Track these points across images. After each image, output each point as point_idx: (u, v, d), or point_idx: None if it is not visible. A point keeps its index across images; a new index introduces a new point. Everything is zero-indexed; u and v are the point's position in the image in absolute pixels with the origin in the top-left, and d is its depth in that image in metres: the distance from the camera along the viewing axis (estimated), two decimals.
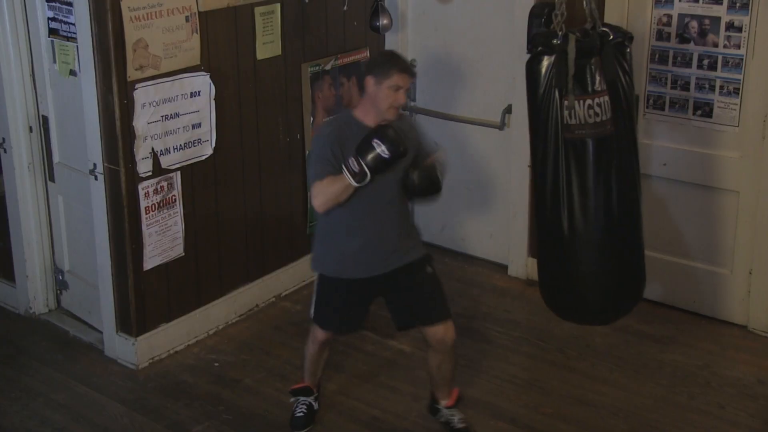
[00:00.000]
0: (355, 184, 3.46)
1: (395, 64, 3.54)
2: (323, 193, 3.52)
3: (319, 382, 4.09)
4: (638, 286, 3.99)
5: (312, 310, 3.88)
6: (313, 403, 4.05)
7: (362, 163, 3.44)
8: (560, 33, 3.67)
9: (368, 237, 3.66)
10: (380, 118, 3.56)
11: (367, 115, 3.59)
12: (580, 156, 3.71)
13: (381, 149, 3.43)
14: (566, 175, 3.72)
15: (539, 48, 3.69)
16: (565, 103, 3.65)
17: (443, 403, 3.99)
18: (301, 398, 4.04)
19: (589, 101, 3.67)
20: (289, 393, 4.07)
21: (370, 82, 3.55)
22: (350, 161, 3.46)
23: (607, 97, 3.69)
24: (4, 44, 4.60)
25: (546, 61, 3.67)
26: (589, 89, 3.67)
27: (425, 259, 3.80)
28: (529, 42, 3.80)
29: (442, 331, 3.77)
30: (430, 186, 3.69)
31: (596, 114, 3.66)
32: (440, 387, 3.97)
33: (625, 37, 3.74)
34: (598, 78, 3.66)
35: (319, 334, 3.89)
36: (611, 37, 3.70)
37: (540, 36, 3.74)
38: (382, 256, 3.69)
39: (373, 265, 3.69)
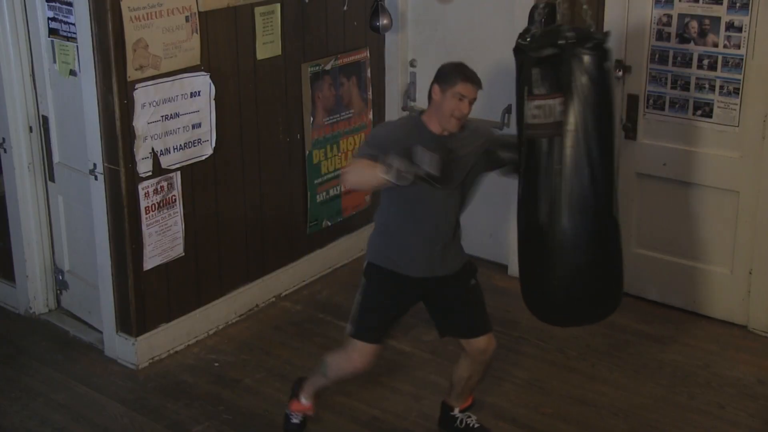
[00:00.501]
0: (383, 176, 3.36)
1: (461, 73, 3.54)
2: (354, 172, 3.50)
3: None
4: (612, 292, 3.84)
5: (353, 322, 3.72)
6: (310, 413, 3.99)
7: (400, 162, 3.35)
8: (529, 33, 3.67)
9: (426, 238, 3.62)
10: (442, 125, 3.54)
11: (431, 121, 3.58)
12: (534, 156, 3.67)
13: (422, 160, 3.35)
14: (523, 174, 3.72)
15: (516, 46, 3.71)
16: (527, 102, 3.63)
17: (458, 408, 3.95)
18: (295, 414, 3.97)
19: (538, 102, 3.61)
20: (287, 410, 3.99)
21: (436, 89, 3.55)
22: (392, 156, 3.38)
23: (558, 100, 3.60)
24: (4, 44, 4.60)
25: (518, 60, 3.68)
26: (539, 91, 3.61)
27: (471, 271, 3.79)
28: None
29: (485, 343, 3.75)
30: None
31: (545, 115, 3.61)
32: (461, 395, 3.93)
33: (590, 43, 3.64)
34: (549, 81, 3.61)
35: (357, 356, 3.70)
36: (577, 41, 3.61)
37: (520, 35, 3.74)
38: (437, 260, 3.65)
39: (428, 266, 3.65)
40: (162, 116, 4.34)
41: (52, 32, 4.45)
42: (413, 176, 3.35)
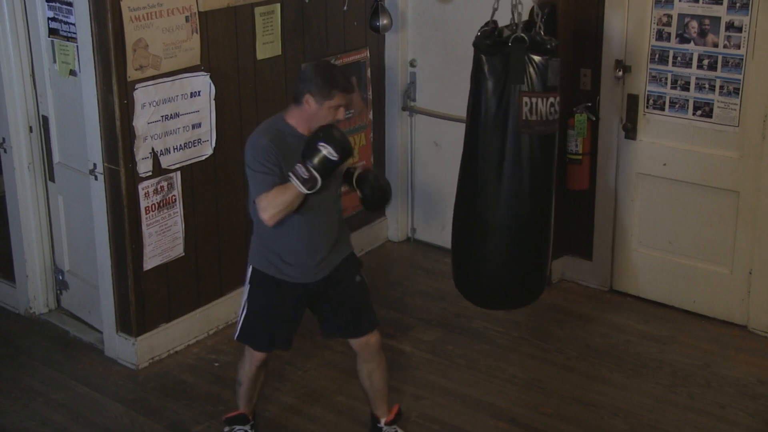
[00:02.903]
0: (305, 191, 3.33)
1: (336, 84, 3.41)
2: (273, 205, 3.36)
3: (255, 409, 3.92)
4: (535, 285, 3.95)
5: (238, 329, 3.71)
6: (249, 431, 3.89)
7: (311, 168, 3.32)
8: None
9: (304, 241, 3.52)
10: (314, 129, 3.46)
11: (302, 125, 3.47)
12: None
13: (328, 151, 3.33)
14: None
15: None
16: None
17: (383, 420, 3.86)
18: (237, 427, 3.87)
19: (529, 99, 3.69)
20: (223, 422, 3.92)
21: (309, 100, 3.41)
22: (298, 168, 3.33)
23: (555, 98, 3.67)
24: (4, 44, 4.60)
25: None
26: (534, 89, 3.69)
27: (356, 267, 3.71)
28: None
29: (365, 338, 3.69)
30: (384, 195, 3.72)
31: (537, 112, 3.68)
32: (377, 402, 3.83)
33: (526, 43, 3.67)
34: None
35: (255, 354, 3.72)
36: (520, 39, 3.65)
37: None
38: (316, 262, 3.57)
39: (307, 270, 3.57)
40: (162, 116, 4.34)
41: (52, 32, 4.45)
42: (331, 166, 3.36)
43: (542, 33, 3.66)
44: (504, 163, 3.67)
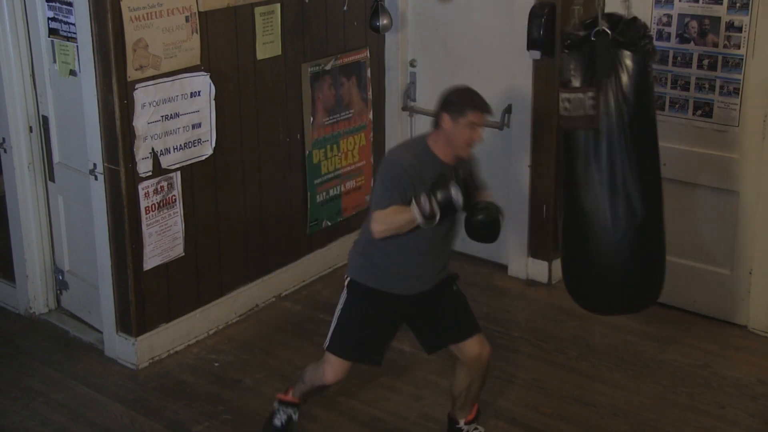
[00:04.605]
0: (422, 222, 3.38)
1: (471, 102, 3.48)
2: (386, 222, 3.42)
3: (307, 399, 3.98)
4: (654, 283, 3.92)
5: (329, 337, 3.69)
6: (294, 415, 3.93)
7: (434, 203, 3.37)
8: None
9: (413, 261, 3.56)
10: (455, 154, 3.49)
11: (440, 149, 3.50)
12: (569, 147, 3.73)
13: (456, 196, 3.38)
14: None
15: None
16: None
17: (462, 420, 3.87)
18: (284, 408, 3.94)
19: (567, 95, 3.65)
20: (277, 399, 3.95)
21: (446, 118, 3.46)
22: (423, 200, 3.37)
23: (590, 93, 3.63)
24: (4, 44, 4.60)
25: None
26: (572, 84, 3.66)
27: (452, 279, 3.75)
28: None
29: (477, 347, 3.67)
30: (492, 231, 3.60)
31: (574, 108, 3.64)
32: (464, 407, 3.85)
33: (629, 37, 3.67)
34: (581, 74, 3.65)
35: (330, 372, 3.68)
36: (610, 34, 3.65)
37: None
38: (421, 280, 3.61)
39: (411, 285, 3.60)
40: (162, 116, 4.34)
41: (52, 32, 4.45)
42: (453, 211, 3.41)
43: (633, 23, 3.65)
44: (601, 161, 3.64)
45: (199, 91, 4.48)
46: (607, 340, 4.69)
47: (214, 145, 4.61)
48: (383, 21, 5.14)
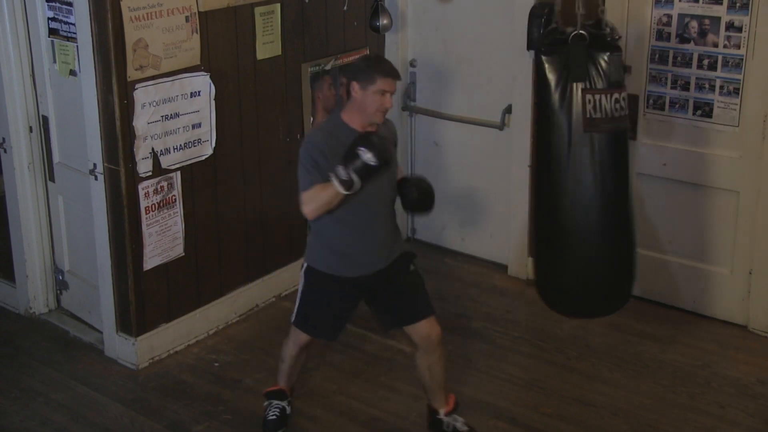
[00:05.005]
0: (343, 192, 3.47)
1: (379, 68, 3.55)
2: (313, 201, 3.52)
3: (293, 387, 4.08)
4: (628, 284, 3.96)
5: (294, 313, 3.85)
6: (287, 407, 4.02)
7: (349, 171, 3.44)
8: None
9: (359, 236, 3.66)
10: (367, 122, 3.58)
11: (354, 119, 3.59)
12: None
13: (367, 157, 3.43)
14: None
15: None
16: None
17: (442, 411, 3.95)
18: (275, 401, 4.02)
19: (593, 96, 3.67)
20: (263, 396, 4.05)
21: (355, 87, 3.55)
22: (338, 169, 3.46)
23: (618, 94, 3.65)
24: (4, 44, 4.60)
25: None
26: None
27: (409, 258, 3.82)
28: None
29: (427, 328, 3.75)
30: (426, 200, 3.76)
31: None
32: (435, 393, 3.92)
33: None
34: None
35: (301, 336, 3.87)
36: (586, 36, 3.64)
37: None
38: (372, 256, 3.70)
39: (363, 264, 3.70)
40: (162, 116, 4.34)
41: (52, 32, 4.45)
42: (370, 172, 3.44)
43: (608, 28, 3.64)
44: (570, 165, 3.64)
45: (199, 91, 4.48)
46: (607, 340, 4.69)
47: (214, 145, 4.61)
48: (383, 21, 5.14)
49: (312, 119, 5.14)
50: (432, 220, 5.66)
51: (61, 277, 4.95)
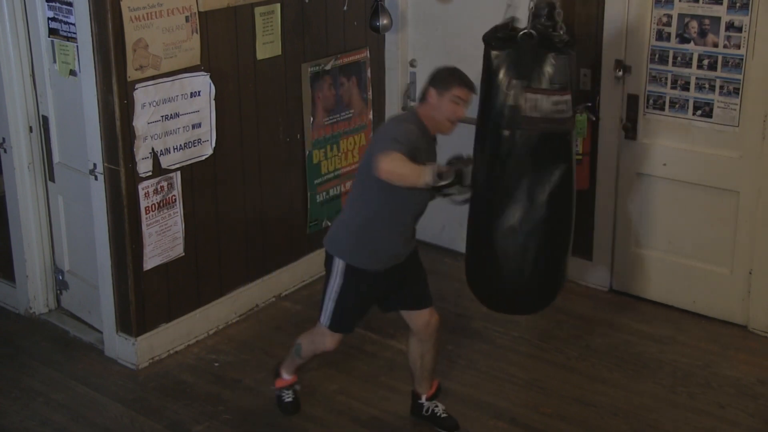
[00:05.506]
0: (428, 182, 3.40)
1: (458, 78, 3.64)
2: (395, 164, 3.39)
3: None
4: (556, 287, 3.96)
5: (328, 317, 3.81)
6: (296, 386, 4.14)
7: (444, 176, 3.45)
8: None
9: (400, 233, 3.74)
10: (438, 129, 3.66)
11: (428, 121, 3.66)
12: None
13: (460, 187, 3.50)
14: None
15: None
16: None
17: (424, 396, 4.02)
18: (285, 392, 4.12)
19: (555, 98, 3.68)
20: (274, 389, 4.14)
21: (432, 93, 3.63)
22: (440, 166, 3.50)
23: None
24: (4, 44, 4.60)
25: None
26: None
27: (416, 250, 3.93)
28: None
29: (428, 316, 3.86)
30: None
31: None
32: (422, 381, 4.00)
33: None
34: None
35: (335, 337, 3.86)
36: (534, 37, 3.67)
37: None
38: (402, 248, 3.79)
39: (394, 256, 3.78)
40: (162, 116, 4.34)
41: (52, 32, 4.45)
42: (445, 192, 3.51)
43: (561, 31, 3.65)
44: (510, 162, 3.65)
45: (199, 91, 4.48)
46: (607, 340, 4.69)
47: (214, 145, 4.61)
48: (383, 21, 5.14)
49: (312, 119, 5.14)
50: (432, 220, 5.65)
51: (61, 277, 4.95)
